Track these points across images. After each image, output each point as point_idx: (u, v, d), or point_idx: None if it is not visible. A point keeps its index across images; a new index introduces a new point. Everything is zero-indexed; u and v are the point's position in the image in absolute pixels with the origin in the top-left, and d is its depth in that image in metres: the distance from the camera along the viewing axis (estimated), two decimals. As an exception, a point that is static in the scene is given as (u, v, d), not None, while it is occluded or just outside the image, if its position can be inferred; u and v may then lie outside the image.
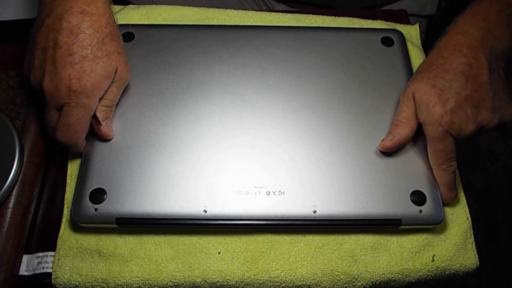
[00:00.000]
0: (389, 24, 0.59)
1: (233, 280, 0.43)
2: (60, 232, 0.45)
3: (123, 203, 0.43)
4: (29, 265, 0.44)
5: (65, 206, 0.46)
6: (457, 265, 0.44)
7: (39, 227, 0.46)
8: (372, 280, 0.44)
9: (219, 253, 0.44)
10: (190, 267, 0.43)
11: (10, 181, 0.44)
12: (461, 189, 0.48)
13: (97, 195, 0.43)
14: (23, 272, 0.44)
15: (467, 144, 1.32)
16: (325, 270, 0.43)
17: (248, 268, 0.43)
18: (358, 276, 0.43)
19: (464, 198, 0.48)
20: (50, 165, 0.50)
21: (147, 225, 0.43)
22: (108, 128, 0.45)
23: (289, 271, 0.43)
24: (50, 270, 0.43)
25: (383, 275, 0.44)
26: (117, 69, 0.44)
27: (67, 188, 0.47)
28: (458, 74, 0.42)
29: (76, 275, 0.42)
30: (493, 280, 1.13)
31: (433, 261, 0.44)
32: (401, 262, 0.44)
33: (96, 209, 0.42)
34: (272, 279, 0.43)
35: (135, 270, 0.43)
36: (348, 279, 0.43)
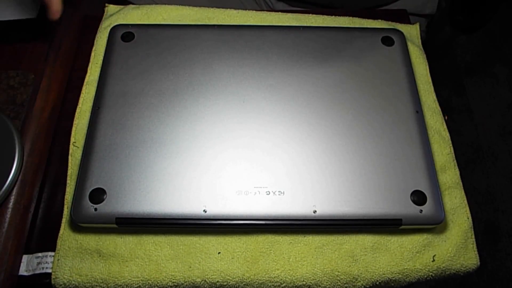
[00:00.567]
0: (390, 24, 0.59)
1: (233, 280, 0.43)
2: (60, 232, 0.45)
3: (123, 203, 0.43)
4: (29, 265, 0.44)
5: (65, 206, 0.46)
6: (458, 265, 0.44)
7: (39, 227, 0.46)
8: (372, 280, 0.44)
9: (219, 253, 0.44)
10: (190, 267, 0.43)
11: (10, 181, 0.44)
12: (462, 189, 0.48)
13: (97, 195, 0.43)
14: (23, 272, 0.44)
15: (467, 144, 1.32)
16: (325, 270, 0.43)
17: (248, 268, 0.43)
18: (358, 276, 0.43)
19: (465, 198, 0.48)
20: (50, 165, 0.50)
21: (147, 225, 0.43)
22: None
23: (289, 271, 0.43)
24: (50, 270, 0.43)
25: (383, 275, 0.44)
26: None
27: (67, 188, 0.47)
28: None
29: (76, 275, 0.42)
30: (493, 280, 1.13)
31: (434, 261, 0.44)
32: (402, 262, 0.44)
33: (96, 209, 0.42)
34: (272, 279, 0.43)
35: (135, 270, 0.43)
36: (348, 279, 0.43)
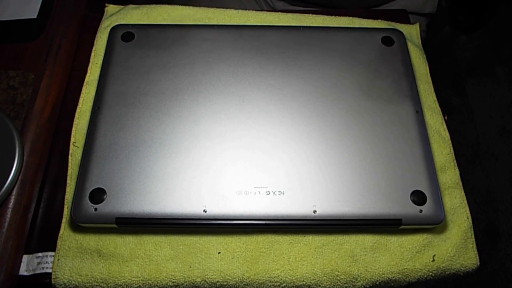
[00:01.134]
0: (390, 24, 0.59)
1: (233, 280, 0.43)
2: (60, 232, 0.45)
3: (123, 203, 0.43)
4: (29, 265, 0.44)
5: (65, 206, 0.46)
6: (458, 265, 0.44)
7: (39, 227, 0.46)
8: (372, 280, 0.44)
9: (219, 253, 0.44)
10: (190, 267, 0.43)
11: (10, 181, 0.44)
12: (461, 189, 0.48)
13: (97, 195, 0.43)
14: (23, 272, 0.44)
15: (467, 144, 1.32)
16: (325, 270, 0.43)
17: (248, 268, 0.43)
18: (358, 276, 0.43)
19: (465, 198, 0.48)
20: (50, 165, 0.50)
21: (147, 225, 0.43)
22: None
23: (289, 271, 0.43)
24: (50, 270, 0.43)
25: (383, 275, 0.44)
26: None
27: (67, 188, 0.47)
28: None
29: (76, 275, 0.42)
30: (493, 280, 1.13)
31: (434, 261, 0.44)
32: (401, 262, 0.44)
33: (96, 209, 0.42)
34: (272, 279, 0.43)
35: (135, 270, 0.43)
36: (348, 279, 0.43)
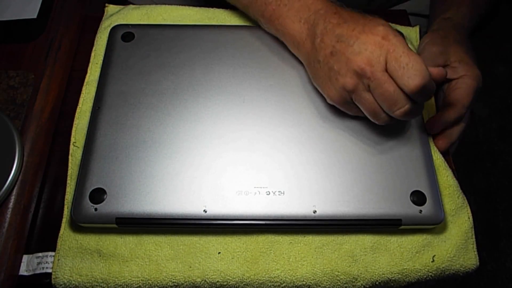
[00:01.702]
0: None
1: (233, 280, 0.43)
2: (60, 232, 0.45)
3: (123, 203, 0.43)
4: (29, 265, 0.44)
5: (65, 206, 0.46)
6: (457, 266, 0.44)
7: (39, 227, 0.46)
8: (372, 280, 0.44)
9: (219, 253, 0.44)
10: (190, 267, 0.43)
11: (10, 181, 0.44)
12: (461, 189, 0.48)
13: (97, 195, 0.43)
14: (23, 272, 0.44)
15: (467, 145, 1.32)
16: (325, 270, 0.43)
17: (248, 268, 0.43)
18: (358, 276, 0.43)
19: (465, 198, 0.48)
20: (50, 165, 0.50)
21: (147, 225, 0.43)
22: None
23: (289, 271, 0.43)
24: (50, 270, 0.43)
25: (383, 275, 0.44)
26: None
27: (67, 188, 0.47)
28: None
29: (76, 275, 0.42)
30: (493, 280, 1.13)
31: (433, 262, 0.44)
32: (401, 262, 0.44)
33: (96, 209, 0.42)
34: (272, 279, 0.43)
35: (135, 270, 0.43)
36: (348, 279, 0.43)
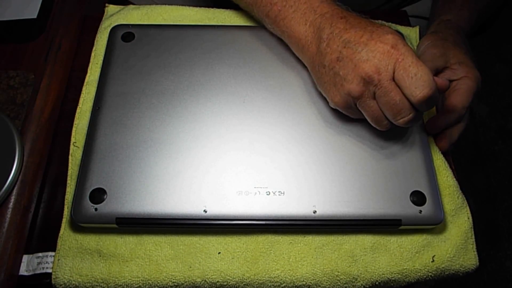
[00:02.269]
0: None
1: (233, 280, 0.43)
2: (60, 232, 0.45)
3: (123, 203, 0.43)
4: (29, 265, 0.44)
5: (65, 206, 0.46)
6: (457, 266, 0.44)
7: (39, 227, 0.46)
8: (372, 280, 0.44)
9: (219, 253, 0.44)
10: (190, 267, 0.43)
11: (10, 181, 0.44)
12: (461, 189, 0.48)
13: (97, 195, 0.43)
14: (23, 272, 0.44)
15: (467, 145, 1.32)
16: (325, 270, 0.43)
17: (248, 268, 0.43)
18: (358, 276, 0.44)
19: (465, 198, 0.48)
20: (50, 165, 0.50)
21: (147, 225, 0.43)
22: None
23: (289, 271, 0.43)
24: (50, 270, 0.43)
25: (383, 275, 0.44)
26: None
27: (67, 188, 0.47)
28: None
29: (76, 275, 0.42)
30: (493, 280, 1.13)
31: (433, 262, 0.44)
32: (401, 263, 0.44)
33: (96, 209, 0.42)
34: (272, 279, 0.43)
35: (135, 270, 0.43)
36: (348, 279, 0.43)
